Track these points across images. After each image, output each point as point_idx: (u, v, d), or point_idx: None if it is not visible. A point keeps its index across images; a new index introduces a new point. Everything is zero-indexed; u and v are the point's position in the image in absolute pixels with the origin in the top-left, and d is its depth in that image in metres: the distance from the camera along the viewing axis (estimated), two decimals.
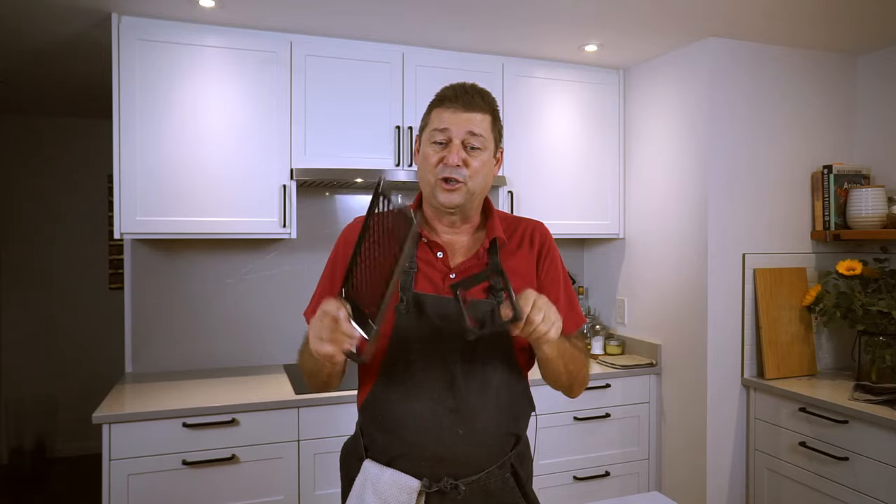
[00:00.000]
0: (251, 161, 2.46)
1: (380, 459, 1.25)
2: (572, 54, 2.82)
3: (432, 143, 1.26)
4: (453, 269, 1.28)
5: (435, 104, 1.29)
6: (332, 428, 2.28)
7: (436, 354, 1.23)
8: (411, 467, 1.22)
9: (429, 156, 1.26)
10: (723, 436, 2.61)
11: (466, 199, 1.26)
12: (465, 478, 1.23)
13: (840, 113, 2.80)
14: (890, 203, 2.56)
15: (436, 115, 1.27)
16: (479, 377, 1.24)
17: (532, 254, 1.34)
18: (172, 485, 2.12)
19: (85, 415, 2.43)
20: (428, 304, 1.23)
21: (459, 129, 1.24)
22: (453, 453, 1.22)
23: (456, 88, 1.28)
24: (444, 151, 1.24)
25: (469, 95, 1.26)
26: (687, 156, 2.68)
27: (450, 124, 1.24)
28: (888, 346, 2.41)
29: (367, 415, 1.29)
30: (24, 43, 2.63)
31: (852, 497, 2.18)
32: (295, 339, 2.86)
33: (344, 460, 1.38)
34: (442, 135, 1.25)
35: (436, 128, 1.26)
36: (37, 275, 4.17)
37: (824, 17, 2.37)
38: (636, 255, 2.99)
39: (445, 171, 1.23)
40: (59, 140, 4.19)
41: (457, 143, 1.24)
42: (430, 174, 1.25)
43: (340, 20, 2.40)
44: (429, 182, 1.26)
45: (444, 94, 1.28)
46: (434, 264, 1.28)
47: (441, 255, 1.29)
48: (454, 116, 1.24)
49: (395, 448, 1.23)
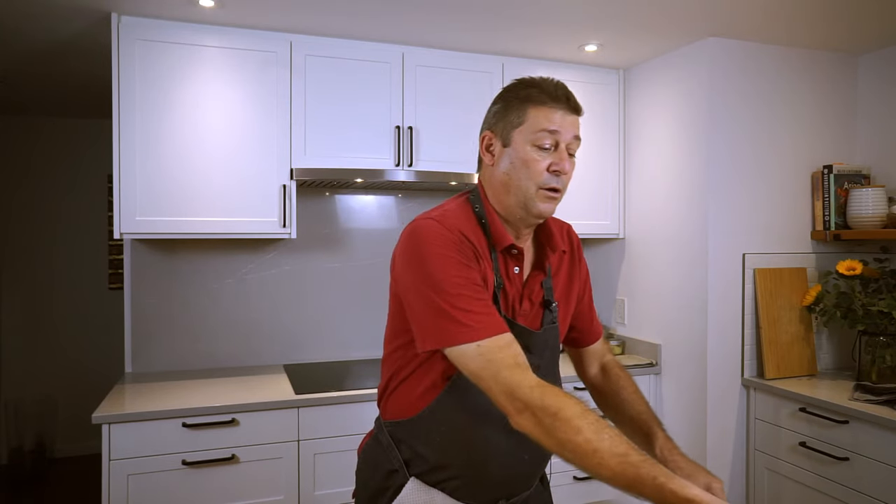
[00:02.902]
0: (251, 161, 2.46)
1: (427, 479, 1.16)
2: (572, 54, 2.82)
3: (536, 146, 1.12)
4: (524, 291, 1.19)
5: (533, 100, 1.13)
6: (332, 428, 2.28)
7: None
8: (464, 490, 1.15)
9: (535, 161, 1.12)
10: (723, 436, 2.61)
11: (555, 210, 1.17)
12: (516, 497, 1.20)
13: (840, 113, 2.80)
14: (890, 203, 2.56)
15: (542, 114, 1.12)
16: None
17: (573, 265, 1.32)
18: (172, 485, 2.11)
19: (85, 415, 2.43)
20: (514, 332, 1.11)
21: (568, 134, 1.13)
22: (514, 477, 1.18)
23: (556, 86, 1.15)
24: (553, 157, 1.12)
25: (570, 95, 1.15)
26: (687, 156, 2.68)
27: (561, 127, 1.12)
28: (888, 346, 2.40)
29: (421, 429, 1.16)
30: (24, 43, 2.63)
31: (852, 497, 2.18)
32: (295, 339, 2.88)
33: (366, 468, 1.27)
34: (552, 138, 1.12)
35: (544, 129, 1.12)
36: (37, 275, 4.17)
37: (824, 17, 2.37)
38: (636, 255, 2.99)
39: (554, 181, 1.12)
40: (59, 140, 4.19)
41: (564, 147, 1.13)
42: (532, 181, 1.12)
43: (340, 20, 2.40)
44: (527, 190, 1.13)
45: (546, 91, 1.14)
46: (513, 281, 1.18)
47: (518, 270, 1.19)
48: (564, 119, 1.13)
49: (452, 470, 1.15)
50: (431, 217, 1.13)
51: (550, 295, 1.23)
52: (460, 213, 1.17)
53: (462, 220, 1.14)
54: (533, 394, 0.99)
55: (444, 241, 1.08)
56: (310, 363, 2.83)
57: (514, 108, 1.15)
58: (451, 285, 1.05)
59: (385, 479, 1.21)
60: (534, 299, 1.20)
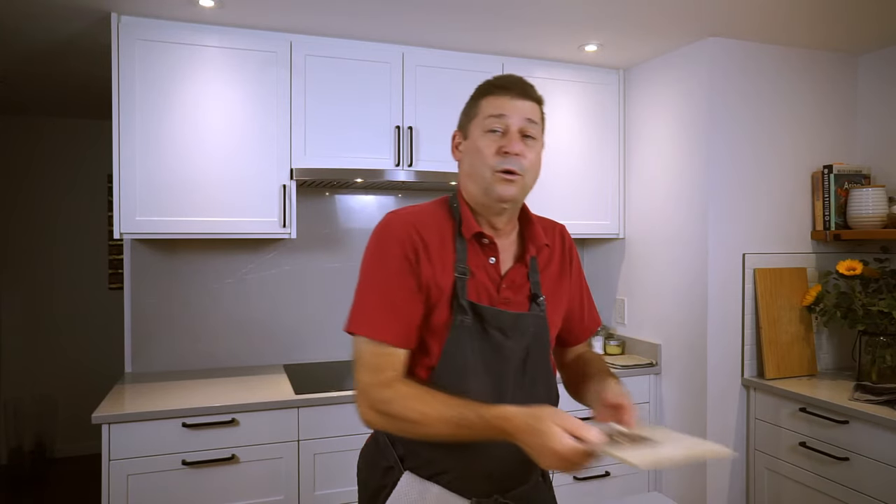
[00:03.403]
0: (251, 161, 2.46)
1: (421, 473, 1.18)
2: (572, 54, 2.82)
3: (487, 131, 1.16)
4: (504, 279, 1.21)
5: (485, 92, 1.19)
6: (332, 428, 2.28)
7: (493, 367, 1.17)
8: (458, 484, 1.16)
9: (485, 146, 1.15)
10: (723, 436, 2.60)
11: (521, 195, 1.18)
12: (511, 491, 1.20)
13: (840, 113, 2.80)
14: (890, 203, 2.56)
15: (489, 102, 1.17)
16: (529, 390, 1.21)
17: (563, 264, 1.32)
18: (172, 485, 2.11)
19: (85, 415, 2.42)
20: (487, 316, 1.17)
21: (518, 117, 1.15)
22: (506, 469, 1.18)
23: (507, 78, 1.20)
24: (503, 140, 1.15)
25: (523, 83, 1.19)
26: (687, 155, 2.68)
27: (508, 111, 1.15)
28: (888, 346, 2.40)
29: None
30: (24, 43, 2.63)
31: (852, 497, 2.18)
32: (295, 339, 2.87)
33: (365, 467, 1.29)
34: (499, 121, 1.15)
35: (491, 114, 1.16)
36: (37, 275, 4.17)
37: (824, 17, 2.37)
38: (636, 255, 2.99)
39: (506, 162, 1.14)
40: (59, 140, 4.19)
41: (515, 131, 1.15)
42: (486, 166, 1.15)
43: (340, 20, 2.40)
44: (483, 175, 1.16)
45: (496, 83, 1.19)
46: (487, 270, 1.20)
47: (493, 260, 1.20)
48: (512, 104, 1.16)
49: (443, 463, 1.16)
50: (396, 212, 1.20)
51: (537, 289, 1.24)
52: (432, 209, 1.22)
53: (426, 216, 1.19)
54: (373, 391, 1.11)
55: (388, 236, 1.15)
56: (310, 363, 2.83)
57: (472, 103, 1.22)
58: (370, 279, 1.15)
59: (382, 476, 1.22)
60: (519, 291, 1.22)
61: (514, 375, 1.19)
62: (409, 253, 1.14)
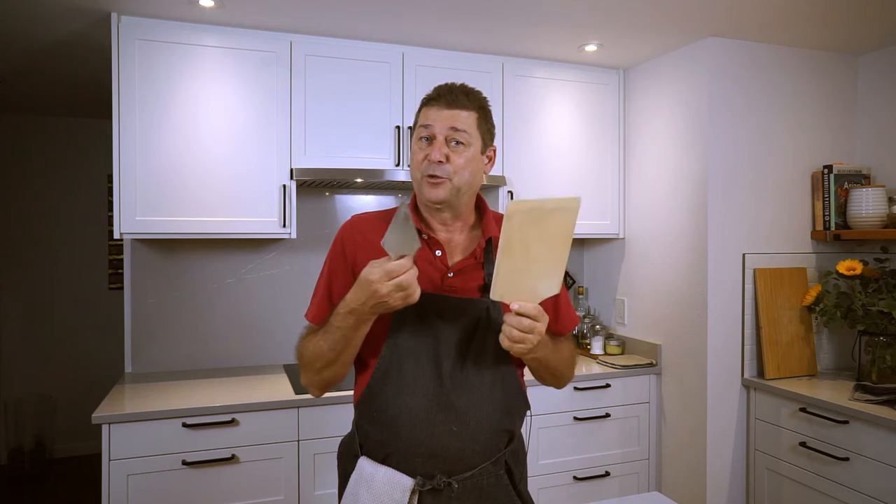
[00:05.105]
0: (251, 161, 2.46)
1: (374, 456, 1.27)
2: (572, 54, 2.82)
3: (418, 140, 1.29)
4: (451, 269, 1.29)
5: (422, 105, 1.32)
6: (331, 428, 2.28)
7: (431, 351, 1.24)
8: (405, 465, 1.23)
9: (415, 153, 1.29)
10: (723, 436, 2.61)
11: (452, 195, 1.26)
12: (458, 475, 1.23)
13: (840, 113, 2.80)
14: (890, 203, 2.56)
15: (422, 113, 1.30)
16: (474, 374, 1.25)
17: None
18: (172, 485, 2.11)
19: (85, 415, 2.43)
20: (426, 301, 1.22)
21: (442, 126, 1.26)
22: (447, 450, 1.22)
23: (440, 88, 1.31)
24: (429, 148, 1.26)
25: (453, 94, 1.28)
26: (687, 155, 2.68)
27: (432, 121, 1.26)
28: (888, 346, 2.40)
29: (362, 411, 1.30)
30: (23, 43, 2.63)
31: (852, 497, 2.18)
32: (295, 339, 2.86)
33: (341, 457, 1.40)
34: (426, 131, 1.27)
35: (421, 124, 1.29)
36: (37, 275, 4.17)
37: (824, 17, 2.37)
38: (636, 254, 2.99)
39: (430, 168, 1.25)
40: (59, 140, 4.19)
41: (440, 139, 1.26)
42: (417, 171, 1.28)
43: (340, 20, 2.40)
44: (416, 179, 1.29)
45: (429, 95, 1.31)
46: (433, 262, 1.29)
47: (439, 253, 1.30)
48: (437, 113, 1.27)
49: (389, 445, 1.24)
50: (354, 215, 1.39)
51: (490, 279, 1.29)
52: (390, 213, 1.34)
53: (377, 218, 1.35)
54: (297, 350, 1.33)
55: (340, 236, 1.35)
56: None
57: (415, 117, 1.35)
58: (321, 274, 1.36)
59: (351, 463, 1.32)
60: (468, 281, 1.30)
61: (455, 360, 1.25)
62: (346, 249, 1.31)
